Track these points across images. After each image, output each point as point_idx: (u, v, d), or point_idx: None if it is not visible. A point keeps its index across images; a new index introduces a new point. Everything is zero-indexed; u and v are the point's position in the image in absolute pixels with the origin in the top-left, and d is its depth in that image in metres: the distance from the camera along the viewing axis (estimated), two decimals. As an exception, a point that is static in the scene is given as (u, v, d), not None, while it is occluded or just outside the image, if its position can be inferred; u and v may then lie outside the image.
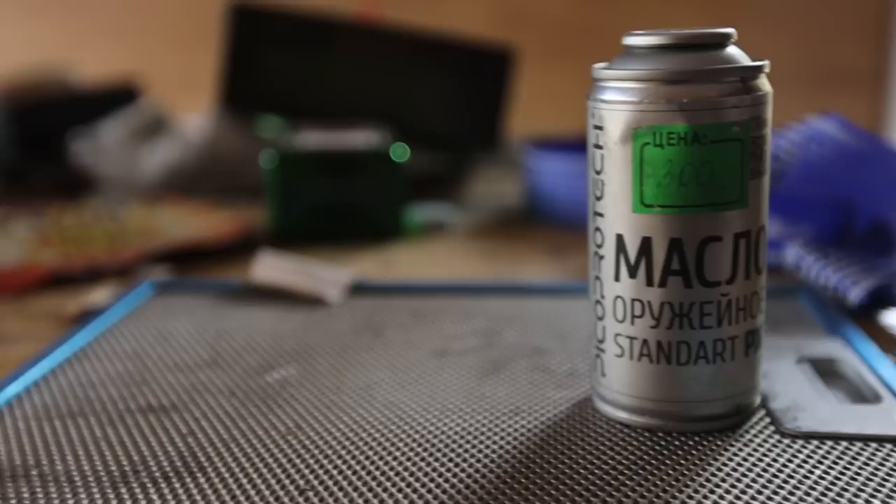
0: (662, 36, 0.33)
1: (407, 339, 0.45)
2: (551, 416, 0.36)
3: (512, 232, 0.73)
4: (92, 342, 0.45)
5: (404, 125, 0.86)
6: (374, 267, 0.62)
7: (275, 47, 0.86)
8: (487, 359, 0.42)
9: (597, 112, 0.34)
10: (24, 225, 0.75)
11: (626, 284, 0.34)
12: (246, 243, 0.68)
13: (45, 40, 2.32)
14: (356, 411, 0.37)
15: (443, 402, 0.38)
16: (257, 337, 0.46)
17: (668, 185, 0.33)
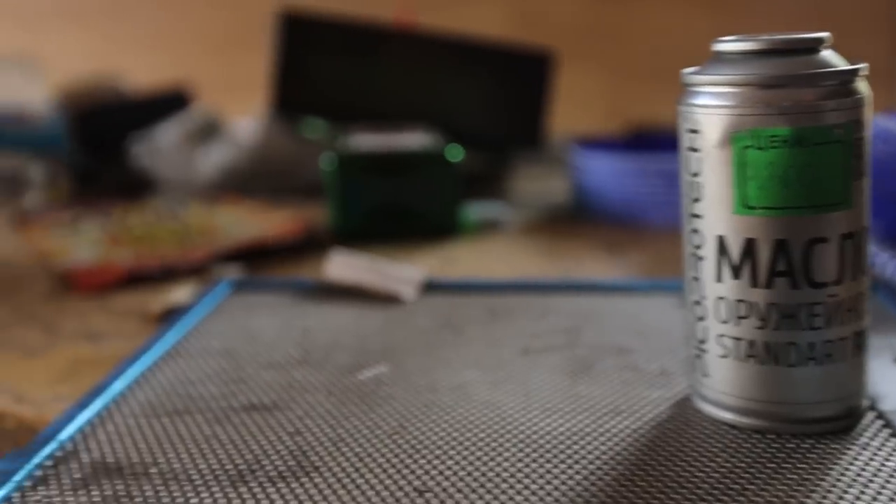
0: (756, 41, 0.33)
1: (489, 337, 0.45)
2: (653, 417, 0.35)
3: (564, 229, 0.72)
4: (181, 340, 0.45)
5: (448, 127, 0.85)
6: (436, 265, 0.61)
7: (322, 53, 0.86)
8: (574, 357, 0.42)
9: (691, 116, 0.34)
10: (93, 225, 0.75)
11: (729, 285, 0.33)
12: (308, 242, 0.68)
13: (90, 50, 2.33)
14: (456, 411, 0.36)
15: (540, 402, 0.37)
16: (342, 335, 0.45)
17: (771, 187, 0.32)
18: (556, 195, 0.87)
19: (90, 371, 0.43)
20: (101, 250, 0.65)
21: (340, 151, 0.67)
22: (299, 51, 0.85)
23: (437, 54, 0.85)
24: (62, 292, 0.57)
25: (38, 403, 0.40)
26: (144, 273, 0.59)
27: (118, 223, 0.75)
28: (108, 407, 0.37)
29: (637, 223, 0.71)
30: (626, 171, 0.71)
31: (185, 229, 0.72)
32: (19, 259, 0.65)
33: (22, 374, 0.43)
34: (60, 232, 0.72)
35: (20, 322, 0.51)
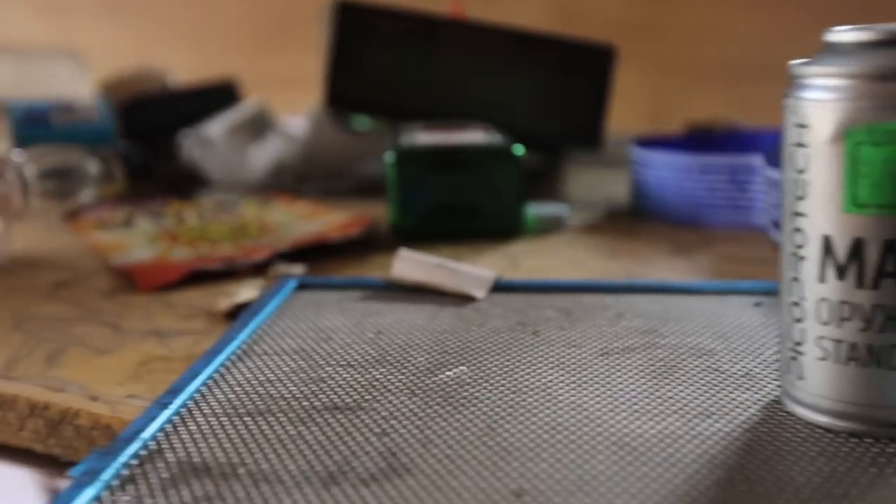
0: (871, 31, 0.31)
1: (566, 338, 0.44)
2: (745, 419, 0.34)
3: (625, 229, 0.71)
4: (253, 339, 0.45)
5: (504, 123, 0.84)
6: (502, 264, 0.61)
7: (377, 46, 0.85)
8: (655, 359, 0.41)
9: (800, 110, 0.33)
10: (147, 221, 0.75)
11: (832, 286, 0.32)
12: (368, 240, 0.67)
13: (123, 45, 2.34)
14: (543, 412, 0.35)
15: (627, 404, 0.36)
16: (416, 334, 0.45)
17: (885, 184, 0.31)
18: (613, 194, 0.85)
19: (162, 369, 0.43)
20: (159, 248, 0.65)
21: (401, 147, 0.66)
22: (353, 43, 0.85)
23: (495, 47, 0.84)
24: (123, 289, 0.57)
25: (113, 402, 0.40)
26: (207, 271, 0.58)
27: (172, 220, 0.75)
28: (186, 406, 0.37)
29: (700, 223, 0.70)
30: (688, 171, 0.70)
31: (240, 227, 0.72)
32: (76, 255, 0.65)
33: (93, 372, 0.43)
34: (113, 228, 0.72)
35: (85, 319, 0.51)
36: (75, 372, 0.43)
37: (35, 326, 0.50)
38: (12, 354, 0.45)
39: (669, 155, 0.71)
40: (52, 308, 0.53)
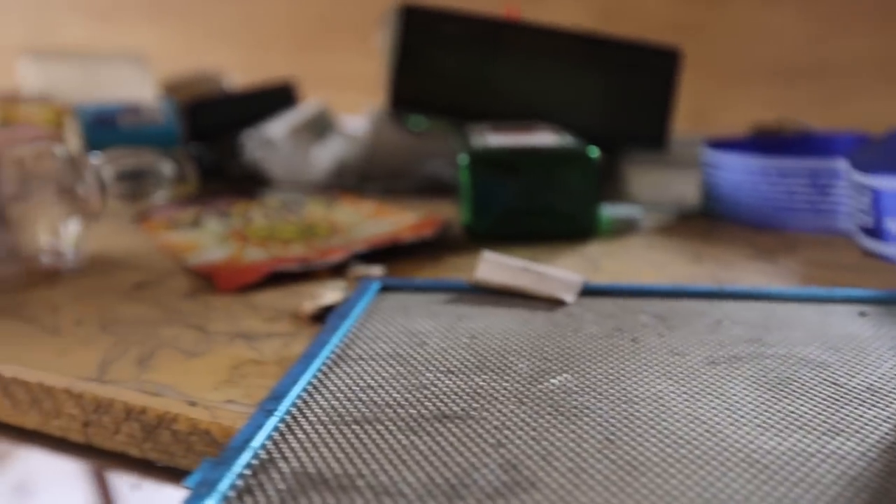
0: None
1: (668, 346, 0.42)
2: (878, 438, 0.33)
3: (700, 231, 0.69)
4: (346, 343, 0.44)
5: (570, 124, 0.83)
6: (582, 266, 0.59)
7: (441, 48, 0.84)
8: (766, 369, 0.39)
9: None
10: (216, 221, 0.74)
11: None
12: (441, 241, 0.66)
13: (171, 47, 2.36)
14: (660, 424, 0.34)
15: (747, 417, 0.34)
16: (512, 340, 0.43)
17: None
18: (679, 195, 0.84)
19: (255, 373, 0.42)
20: (232, 248, 0.64)
21: (475, 148, 0.65)
22: (417, 45, 0.84)
23: (558, 49, 0.83)
24: (203, 290, 0.56)
25: (211, 407, 0.39)
26: (286, 272, 0.57)
27: (239, 219, 0.74)
28: (290, 412, 0.36)
29: (778, 227, 0.68)
30: (765, 173, 0.68)
31: (308, 227, 0.71)
32: (150, 255, 0.65)
33: (186, 376, 0.42)
34: (182, 228, 0.72)
35: (170, 321, 0.50)
36: (168, 375, 0.42)
37: (121, 328, 0.49)
38: (104, 357, 0.45)
39: (745, 157, 0.70)
40: (135, 309, 0.52)
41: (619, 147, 0.85)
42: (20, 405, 0.44)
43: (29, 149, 0.57)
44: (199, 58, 2.27)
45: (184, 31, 2.34)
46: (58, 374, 0.43)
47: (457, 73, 0.83)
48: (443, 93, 0.83)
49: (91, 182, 0.60)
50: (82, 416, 0.42)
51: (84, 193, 0.59)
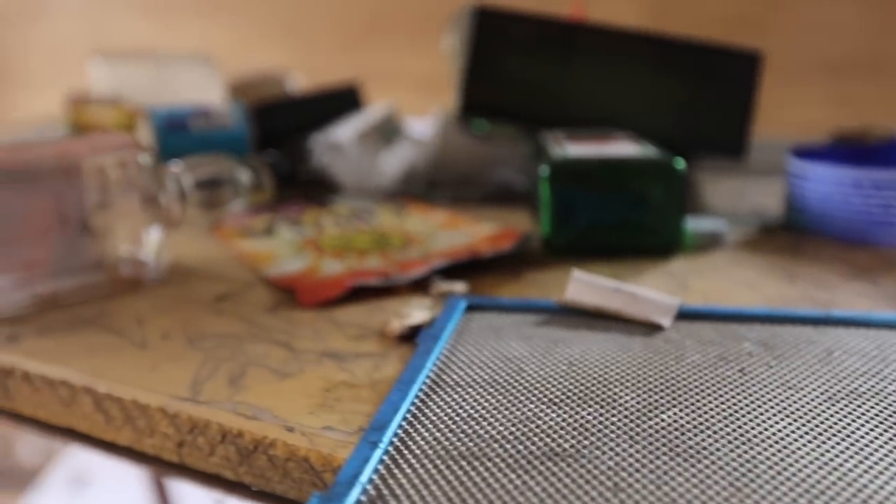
0: None
1: (779, 378, 0.40)
2: None
3: (788, 247, 0.67)
4: (439, 367, 0.42)
5: (645, 130, 0.81)
6: (669, 285, 0.57)
7: (513, 51, 0.82)
8: (892, 407, 0.37)
9: None
10: (288, 229, 0.73)
11: None
12: (518, 255, 0.64)
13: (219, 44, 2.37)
14: (789, 470, 0.32)
15: (883, 464, 0.32)
16: (612, 368, 0.42)
17: None
18: (757, 205, 0.81)
19: (349, 397, 0.41)
20: (308, 258, 0.63)
21: (555, 160, 0.63)
22: (490, 49, 0.82)
23: (633, 53, 0.81)
24: (284, 304, 0.55)
25: (309, 433, 0.38)
26: (367, 286, 0.56)
27: (311, 228, 0.73)
28: (393, 443, 0.35)
29: (871, 242, 0.65)
30: (858, 185, 0.65)
31: (382, 237, 0.70)
32: (227, 265, 0.64)
33: (280, 398, 0.41)
34: (256, 236, 0.71)
35: (255, 337, 0.50)
36: (261, 397, 0.41)
37: (208, 343, 0.48)
38: (195, 376, 0.44)
39: (836, 168, 0.67)
40: (219, 323, 0.52)
41: (696, 155, 0.83)
42: (113, 421, 0.43)
43: (111, 157, 0.57)
44: (251, 55, 2.28)
45: (236, 29, 2.35)
46: (151, 392, 0.42)
47: (530, 77, 0.81)
48: (515, 98, 0.81)
49: (172, 190, 0.59)
50: (177, 436, 0.41)
51: (165, 202, 0.59)
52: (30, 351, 0.48)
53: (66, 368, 0.45)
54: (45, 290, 0.55)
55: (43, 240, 0.54)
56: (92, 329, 0.51)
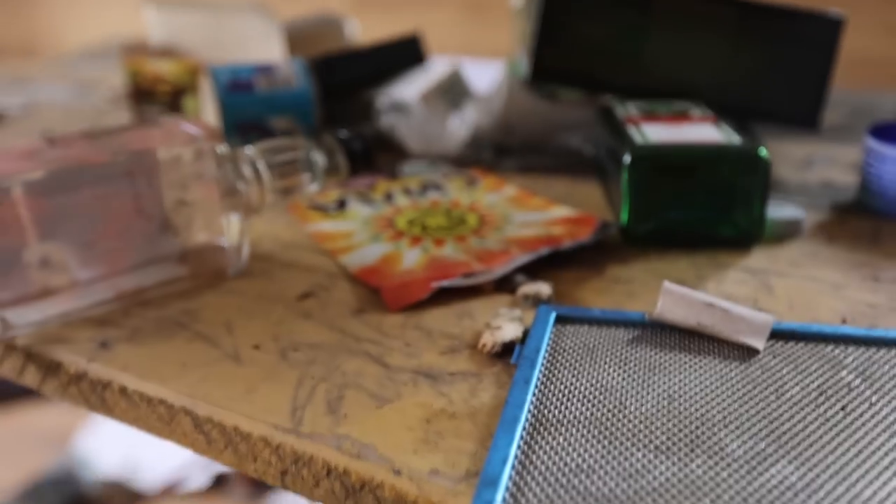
0: None
1: (883, 421, 0.39)
2: None
3: (867, 236, 0.65)
4: (539, 398, 0.42)
5: (720, 99, 0.78)
6: (752, 288, 0.56)
7: (586, 16, 0.79)
8: None
9: None
10: (359, 204, 0.72)
11: None
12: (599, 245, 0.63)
13: None
14: (907, 546, 0.32)
15: None
16: (713, 405, 0.41)
17: None
18: (826, 180, 0.78)
19: (450, 430, 0.41)
20: (386, 245, 0.62)
21: (638, 148, 0.61)
22: (561, 13, 0.79)
23: (711, 17, 0.77)
24: (368, 305, 0.54)
25: (417, 478, 0.38)
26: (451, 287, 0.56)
27: (383, 202, 0.72)
28: (506, 501, 0.35)
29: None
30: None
31: (457, 216, 0.68)
32: (306, 250, 0.64)
33: (382, 431, 0.41)
34: (328, 211, 0.70)
35: (347, 349, 0.49)
36: (363, 429, 0.41)
37: (301, 357, 0.48)
38: (293, 401, 0.44)
39: (922, 154, 0.64)
40: (308, 330, 0.51)
41: (770, 124, 0.80)
42: (215, 443, 0.44)
43: (187, 149, 0.56)
44: None
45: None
46: (252, 420, 0.42)
47: (603, 42, 0.78)
48: (587, 63, 0.78)
49: (250, 177, 0.58)
50: (280, 465, 0.42)
51: (244, 190, 0.58)
52: (124, 362, 0.48)
53: (162, 387, 0.45)
54: (128, 285, 0.55)
55: (123, 237, 0.53)
56: (181, 335, 0.51)
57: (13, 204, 0.49)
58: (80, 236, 0.52)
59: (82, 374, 0.48)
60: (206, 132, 0.57)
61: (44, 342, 0.51)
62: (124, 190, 0.53)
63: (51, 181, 0.50)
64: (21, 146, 0.53)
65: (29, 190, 0.49)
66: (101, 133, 0.56)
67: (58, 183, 0.50)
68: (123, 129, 0.56)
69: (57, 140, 0.54)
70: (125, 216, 0.53)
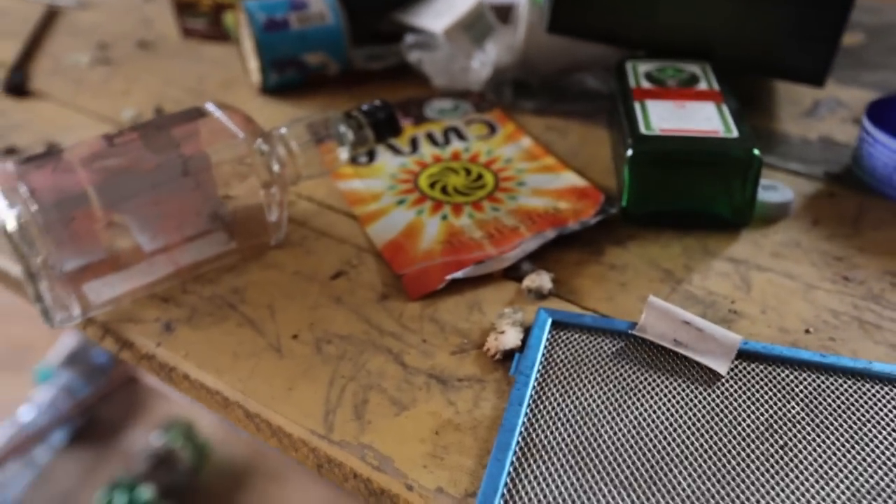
0: None
1: (813, 460, 0.44)
2: None
3: (854, 218, 0.67)
4: (530, 418, 0.47)
5: (733, 55, 0.77)
6: (731, 285, 0.59)
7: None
8: (901, 514, 0.42)
9: None
10: (387, 154, 0.75)
11: None
12: (601, 223, 0.66)
13: None
14: None
15: None
16: (674, 436, 0.46)
17: None
18: (829, 139, 0.79)
19: (455, 446, 0.47)
20: (409, 213, 0.66)
21: (641, 144, 0.62)
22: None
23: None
24: (392, 293, 0.59)
25: (426, 495, 0.44)
26: (464, 277, 0.59)
27: (410, 157, 0.74)
28: (494, 529, 0.41)
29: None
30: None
31: (475, 175, 0.71)
32: (339, 220, 0.67)
33: (399, 442, 0.47)
34: (361, 171, 0.73)
35: (372, 344, 0.54)
36: (384, 439, 0.47)
37: (333, 350, 0.53)
38: (325, 403, 0.50)
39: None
40: (339, 318, 0.56)
41: (776, 77, 0.79)
42: (263, 432, 0.50)
43: (233, 148, 0.58)
44: None
45: None
46: (293, 423, 0.48)
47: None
48: (604, 17, 0.77)
49: (284, 158, 0.61)
50: (316, 460, 0.48)
51: (279, 171, 0.61)
52: (185, 349, 0.54)
53: (219, 380, 0.51)
54: (185, 261, 0.59)
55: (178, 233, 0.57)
56: (232, 318, 0.56)
57: (73, 166, 0.53)
58: (138, 209, 0.55)
59: (152, 356, 0.55)
60: (248, 131, 0.59)
61: (118, 320, 0.57)
62: (178, 187, 0.56)
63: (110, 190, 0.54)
64: (86, 145, 0.56)
65: (96, 196, 0.53)
66: (152, 128, 0.58)
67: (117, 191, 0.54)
68: (172, 122, 0.59)
69: (115, 139, 0.57)
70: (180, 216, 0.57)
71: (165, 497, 1.59)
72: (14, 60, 0.98)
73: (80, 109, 0.87)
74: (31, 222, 0.50)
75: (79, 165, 0.54)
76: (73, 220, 0.51)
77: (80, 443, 1.80)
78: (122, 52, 1.03)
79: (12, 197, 0.51)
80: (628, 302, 0.58)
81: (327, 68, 0.86)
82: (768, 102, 0.87)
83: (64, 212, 0.51)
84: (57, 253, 0.52)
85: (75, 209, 0.52)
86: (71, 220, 0.51)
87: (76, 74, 0.96)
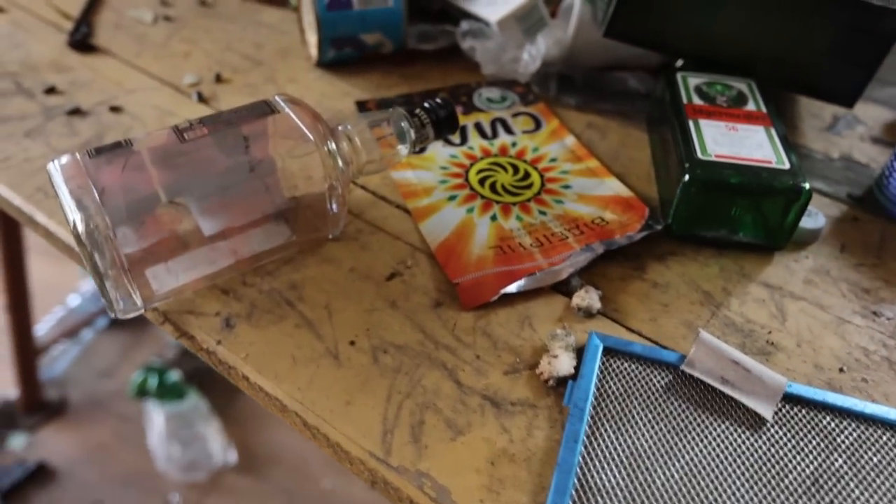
0: None
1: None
2: None
3: (878, 247, 0.59)
4: (585, 458, 0.41)
5: (775, 74, 0.67)
6: (766, 314, 0.52)
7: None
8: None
9: None
10: (441, 146, 0.66)
11: None
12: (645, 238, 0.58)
13: None
14: None
15: None
16: (724, 485, 0.40)
17: None
18: (851, 160, 0.70)
19: (510, 480, 0.41)
20: (460, 212, 0.58)
21: (696, 169, 0.54)
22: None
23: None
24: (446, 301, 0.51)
25: (483, 530, 0.38)
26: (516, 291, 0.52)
27: (461, 149, 0.66)
28: (553, 583, 0.35)
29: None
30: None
31: (522, 173, 0.63)
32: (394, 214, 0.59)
33: (455, 471, 0.41)
34: (413, 161, 0.64)
35: (427, 357, 0.47)
36: (440, 467, 0.41)
37: (389, 362, 0.46)
38: (383, 422, 0.43)
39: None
40: (394, 325, 0.49)
41: (809, 96, 0.70)
42: (321, 442, 0.44)
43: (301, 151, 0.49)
44: None
45: None
46: (350, 442, 0.42)
47: (679, 10, 0.66)
48: (660, 29, 0.67)
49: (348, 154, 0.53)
50: (372, 478, 0.42)
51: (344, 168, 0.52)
52: (245, 349, 0.47)
53: (278, 388, 0.45)
54: (245, 252, 0.51)
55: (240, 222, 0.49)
56: (290, 317, 0.49)
57: (144, 164, 0.44)
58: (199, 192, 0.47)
59: (213, 352, 0.47)
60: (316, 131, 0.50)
61: (178, 311, 0.49)
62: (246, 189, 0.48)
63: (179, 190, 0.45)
64: (157, 137, 0.47)
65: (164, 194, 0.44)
66: (222, 124, 0.49)
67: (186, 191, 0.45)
68: (241, 118, 0.50)
69: (185, 133, 0.48)
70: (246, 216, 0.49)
71: (189, 380, 1.58)
72: (79, 14, 0.86)
73: (143, 70, 0.77)
74: (100, 226, 0.42)
75: (150, 164, 0.45)
76: (143, 225, 0.43)
77: (119, 327, 1.78)
78: (183, 8, 0.92)
79: (82, 197, 0.42)
80: (670, 324, 0.51)
81: (382, 47, 0.76)
82: (790, 114, 0.78)
83: (134, 216, 0.43)
84: (125, 254, 0.44)
85: (146, 214, 0.43)
86: (141, 223, 0.43)
87: (139, 31, 0.85)
